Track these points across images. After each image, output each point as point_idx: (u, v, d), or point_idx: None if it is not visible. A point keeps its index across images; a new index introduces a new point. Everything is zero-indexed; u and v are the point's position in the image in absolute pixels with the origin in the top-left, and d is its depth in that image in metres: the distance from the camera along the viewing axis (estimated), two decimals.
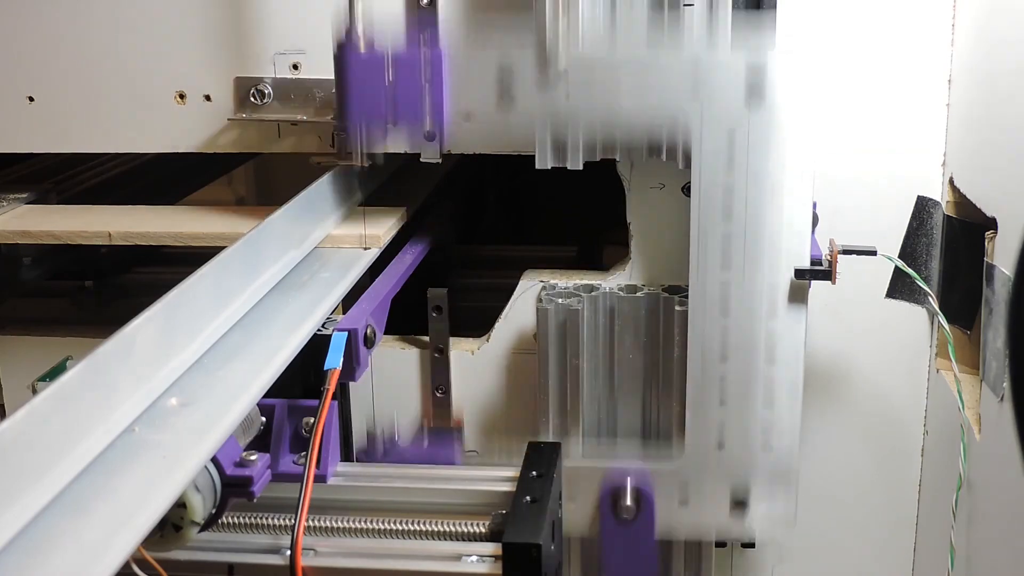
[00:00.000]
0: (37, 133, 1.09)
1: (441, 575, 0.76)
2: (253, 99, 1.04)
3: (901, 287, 1.16)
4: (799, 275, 0.94)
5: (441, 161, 0.98)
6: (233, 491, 0.74)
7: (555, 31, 0.91)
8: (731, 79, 0.90)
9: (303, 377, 0.84)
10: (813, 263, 0.94)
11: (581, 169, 0.95)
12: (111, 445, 0.61)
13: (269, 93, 1.04)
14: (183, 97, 1.06)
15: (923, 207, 1.14)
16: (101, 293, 1.20)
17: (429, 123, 0.95)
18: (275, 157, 1.14)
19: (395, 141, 0.98)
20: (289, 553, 0.75)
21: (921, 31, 1.10)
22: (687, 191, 0.97)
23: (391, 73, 0.94)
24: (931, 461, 1.20)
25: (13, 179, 1.19)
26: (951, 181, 1.11)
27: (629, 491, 0.98)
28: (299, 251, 0.93)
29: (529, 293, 1.03)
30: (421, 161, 0.99)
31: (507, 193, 1.63)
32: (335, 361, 0.82)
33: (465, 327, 1.08)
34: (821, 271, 0.94)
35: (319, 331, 0.84)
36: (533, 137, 0.94)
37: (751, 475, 0.98)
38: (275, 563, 0.78)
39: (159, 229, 1.01)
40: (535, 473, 0.83)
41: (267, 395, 0.73)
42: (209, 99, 1.06)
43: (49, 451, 0.56)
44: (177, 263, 1.18)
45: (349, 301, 0.93)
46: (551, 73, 0.91)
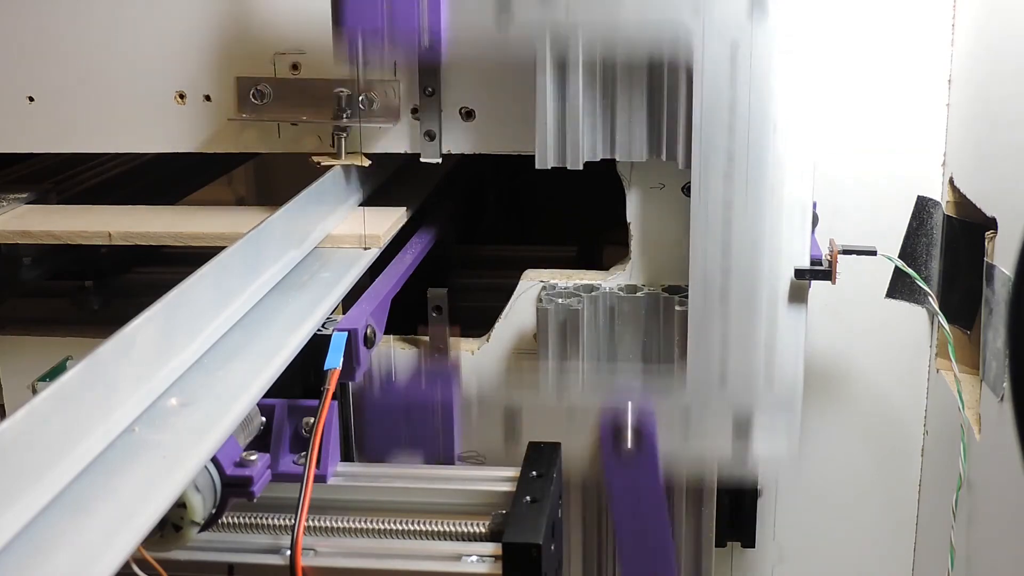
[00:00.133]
0: (37, 133, 1.09)
1: (441, 575, 0.76)
2: (253, 99, 1.04)
3: (901, 287, 1.16)
4: (799, 275, 0.94)
5: (441, 162, 0.98)
6: (233, 491, 0.74)
7: None
8: None
9: (303, 377, 0.84)
10: (813, 263, 0.94)
11: (581, 169, 0.95)
12: (111, 445, 0.61)
13: (269, 93, 1.04)
14: (183, 97, 1.06)
15: (923, 207, 1.14)
16: (101, 293, 1.20)
17: (427, 38, 0.93)
18: (275, 157, 1.14)
19: (395, 141, 0.97)
20: (289, 553, 0.75)
21: (921, 31, 1.10)
22: (687, 191, 0.97)
23: None
24: (931, 461, 1.20)
25: (13, 179, 1.19)
26: (951, 181, 1.11)
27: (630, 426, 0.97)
28: (299, 251, 0.93)
29: (529, 293, 1.03)
30: (421, 161, 0.99)
31: (507, 193, 1.63)
32: (335, 361, 0.82)
33: (465, 327, 1.08)
34: (821, 271, 0.94)
35: (319, 331, 0.84)
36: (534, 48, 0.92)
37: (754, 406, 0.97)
38: (275, 563, 0.78)
39: (159, 229, 1.01)
40: (535, 473, 0.83)
41: (267, 395, 0.73)
42: (209, 99, 1.06)
43: (49, 451, 0.56)
44: (177, 263, 1.18)
45: (349, 301, 0.93)
46: None
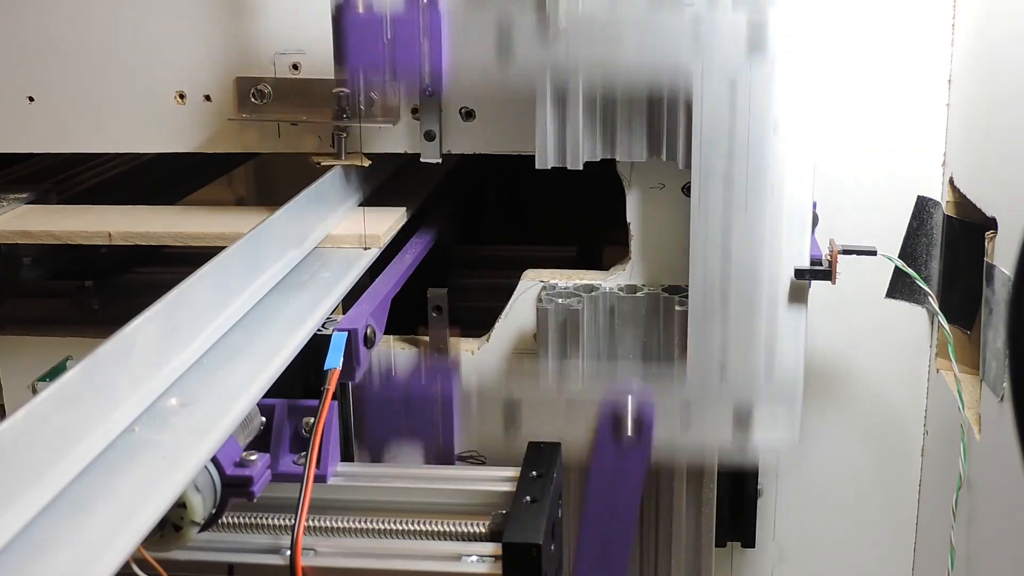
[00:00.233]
0: (37, 133, 1.09)
1: (441, 575, 0.76)
2: (253, 99, 1.04)
3: (901, 287, 1.16)
4: (799, 275, 0.94)
5: (441, 162, 0.98)
6: (233, 491, 0.74)
7: None
8: (732, 32, 0.88)
9: (303, 377, 0.84)
10: (813, 263, 0.94)
11: (581, 169, 0.95)
12: (111, 445, 0.61)
13: (269, 93, 1.04)
14: (183, 97, 1.06)
15: (923, 207, 1.14)
16: (101, 293, 1.20)
17: (427, 78, 0.94)
18: (275, 157, 1.14)
19: (395, 141, 0.97)
20: (289, 553, 0.75)
21: (921, 31, 1.10)
22: (687, 191, 0.97)
23: (389, 31, 0.93)
24: (931, 461, 1.20)
25: (13, 179, 1.19)
26: (951, 181, 1.11)
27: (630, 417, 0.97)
28: (299, 251, 0.93)
29: (529, 293, 1.03)
30: (421, 161, 0.99)
31: (507, 193, 1.63)
32: (335, 361, 0.82)
33: (465, 327, 1.08)
34: (821, 271, 0.94)
35: (319, 331, 0.84)
36: (533, 91, 0.92)
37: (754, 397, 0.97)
38: (275, 563, 0.78)
39: (159, 229, 1.01)
40: (535, 473, 0.83)
41: (267, 395, 0.73)
42: (209, 99, 1.06)
43: (49, 451, 0.56)
44: (177, 263, 1.18)
45: (349, 301, 0.93)
46: (551, 31, 0.90)
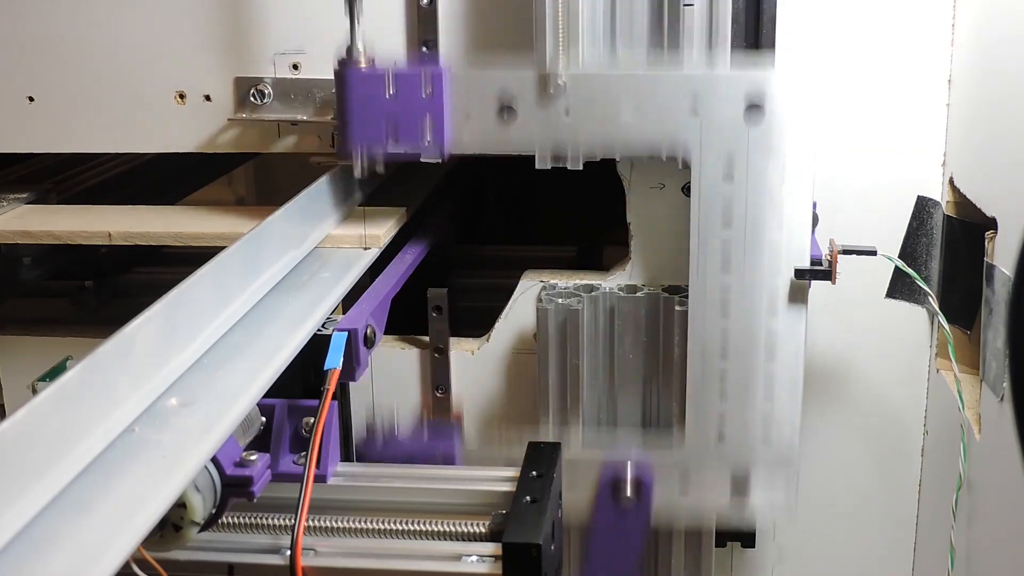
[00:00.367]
0: (37, 133, 1.09)
1: (441, 575, 0.76)
2: (253, 99, 1.04)
3: (901, 287, 1.16)
4: (799, 275, 0.94)
5: (441, 161, 0.98)
6: (233, 491, 0.74)
7: (555, 47, 0.91)
8: (730, 96, 0.90)
9: (303, 377, 0.84)
10: (813, 263, 0.94)
11: (581, 169, 0.95)
12: (111, 445, 0.61)
13: (269, 93, 1.04)
14: (183, 97, 1.06)
15: (923, 207, 1.14)
16: (101, 293, 1.20)
17: (429, 139, 0.95)
18: (275, 157, 1.14)
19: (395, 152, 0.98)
20: (289, 553, 0.75)
21: (921, 31, 1.10)
22: (687, 191, 0.97)
23: (391, 88, 0.94)
24: (931, 461, 1.20)
25: (13, 179, 1.19)
26: (951, 181, 1.11)
27: (629, 481, 0.98)
28: (299, 251, 0.93)
29: (529, 293, 1.03)
30: (421, 161, 0.99)
31: (507, 193, 1.63)
32: (335, 361, 0.82)
33: (465, 327, 1.08)
34: (821, 271, 0.94)
35: (319, 331, 0.83)
36: (533, 148, 0.94)
37: (751, 462, 0.98)
38: (275, 563, 0.78)
39: (159, 229, 1.01)
40: (535, 473, 0.83)
41: (267, 395, 0.73)
42: (209, 99, 1.06)
43: (49, 451, 0.56)
44: (177, 263, 1.18)
45: (349, 301, 0.93)
46: (551, 89, 0.92)
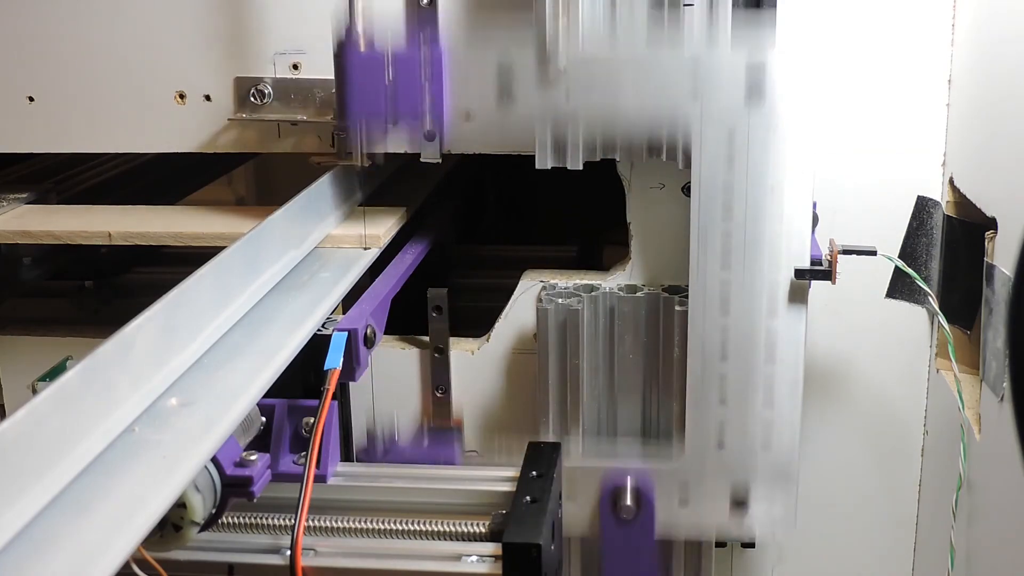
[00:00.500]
0: (37, 133, 1.09)
1: (441, 575, 0.76)
2: (253, 99, 1.04)
3: (901, 287, 1.16)
4: (799, 275, 0.94)
5: (441, 161, 0.98)
6: (233, 491, 0.74)
7: (555, 30, 0.91)
8: (731, 78, 0.90)
9: (303, 377, 0.84)
10: (813, 263, 0.94)
11: (581, 169, 0.95)
12: (111, 445, 0.61)
13: (269, 93, 1.04)
14: (183, 97, 1.06)
15: (923, 207, 1.14)
16: (101, 293, 1.20)
17: (429, 122, 0.95)
18: (275, 157, 1.14)
19: (395, 141, 0.98)
20: (289, 553, 0.75)
21: (921, 31, 1.10)
22: (687, 191, 0.97)
23: (391, 72, 0.94)
24: (931, 461, 1.20)
25: (13, 179, 1.19)
26: (951, 181, 1.11)
27: (629, 491, 0.98)
28: (299, 251, 0.93)
29: (529, 293, 1.03)
30: (421, 161, 0.99)
31: (507, 193, 1.63)
32: (335, 361, 0.82)
33: (465, 327, 1.08)
34: (821, 271, 0.94)
35: (319, 331, 0.83)
36: (533, 136, 0.94)
37: (751, 474, 0.98)
38: (275, 563, 0.78)
39: (159, 229, 1.01)
40: (535, 473, 0.83)
41: (267, 395, 0.73)
42: (209, 99, 1.06)
43: (49, 451, 0.56)
44: (177, 263, 1.18)
45: (349, 301, 0.93)
46: (551, 72, 0.91)
